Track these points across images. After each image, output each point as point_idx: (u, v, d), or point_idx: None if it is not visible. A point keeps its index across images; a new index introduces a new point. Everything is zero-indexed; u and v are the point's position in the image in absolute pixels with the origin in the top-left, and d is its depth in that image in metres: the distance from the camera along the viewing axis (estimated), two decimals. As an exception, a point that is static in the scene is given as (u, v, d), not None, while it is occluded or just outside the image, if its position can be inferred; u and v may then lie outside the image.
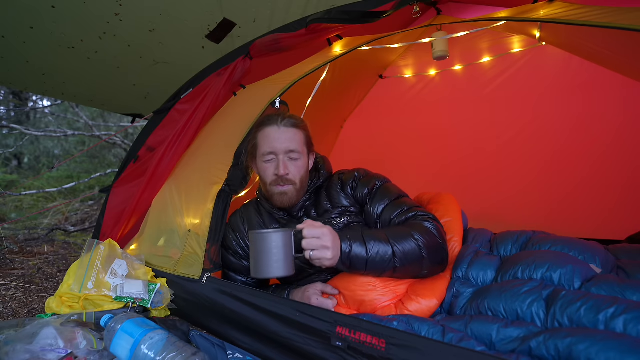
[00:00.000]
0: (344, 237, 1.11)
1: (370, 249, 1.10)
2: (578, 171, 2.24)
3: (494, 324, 0.98)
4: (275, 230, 1.07)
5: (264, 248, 1.04)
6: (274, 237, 1.04)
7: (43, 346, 0.91)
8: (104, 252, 1.27)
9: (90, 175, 5.99)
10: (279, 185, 1.32)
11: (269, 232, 1.05)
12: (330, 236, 1.06)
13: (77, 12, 2.24)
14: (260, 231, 1.06)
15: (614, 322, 0.86)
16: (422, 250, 1.13)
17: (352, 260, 1.10)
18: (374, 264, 1.11)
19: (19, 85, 3.38)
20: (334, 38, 1.64)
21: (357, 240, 1.11)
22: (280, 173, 1.30)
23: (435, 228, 1.20)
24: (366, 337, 0.91)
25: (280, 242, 1.04)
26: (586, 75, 2.10)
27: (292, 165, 1.32)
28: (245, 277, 1.41)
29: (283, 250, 1.04)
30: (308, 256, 1.03)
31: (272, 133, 1.33)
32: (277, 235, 1.04)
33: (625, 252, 1.33)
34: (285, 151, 1.31)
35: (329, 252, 1.02)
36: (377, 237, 1.13)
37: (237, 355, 1.11)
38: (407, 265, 1.14)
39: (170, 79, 2.79)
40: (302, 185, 1.35)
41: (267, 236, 1.05)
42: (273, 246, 1.03)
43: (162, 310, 1.27)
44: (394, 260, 1.11)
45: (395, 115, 2.76)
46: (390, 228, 1.19)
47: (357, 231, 1.14)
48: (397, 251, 1.11)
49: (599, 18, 1.02)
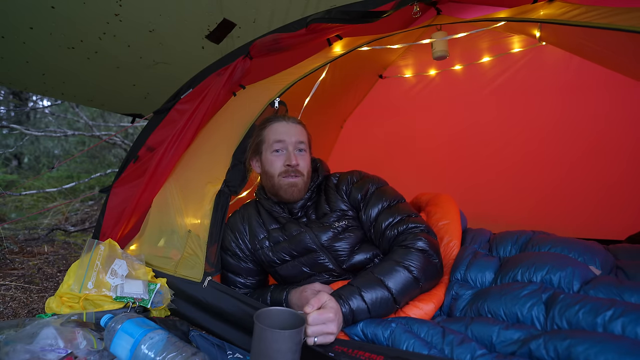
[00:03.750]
0: (339, 298, 1.04)
1: (370, 299, 1.06)
2: (578, 170, 2.24)
3: (494, 326, 0.98)
4: (285, 331, 0.88)
5: (272, 347, 0.87)
6: (283, 336, 0.88)
7: (43, 346, 0.91)
8: (104, 252, 1.27)
9: (90, 175, 5.99)
10: (289, 176, 1.34)
11: (280, 332, 0.88)
12: (335, 321, 0.98)
13: (77, 12, 2.24)
14: (269, 328, 0.88)
15: (612, 325, 0.86)
16: (418, 277, 1.12)
17: (356, 317, 1.06)
18: (377, 311, 1.08)
19: (19, 85, 3.38)
20: (334, 38, 1.63)
21: (354, 297, 1.06)
22: (292, 163, 1.33)
23: (427, 244, 1.18)
24: (364, 353, 0.93)
25: (293, 341, 0.89)
26: (586, 75, 2.11)
27: (301, 158, 1.36)
28: (244, 278, 1.41)
29: (291, 350, 0.88)
30: (312, 342, 0.95)
31: (281, 127, 1.38)
32: (288, 334, 0.88)
33: (625, 252, 1.33)
34: (295, 143, 1.36)
35: (332, 337, 0.97)
36: (372, 284, 1.08)
37: (237, 355, 1.11)
38: (407, 297, 1.13)
39: (170, 79, 2.79)
40: (308, 178, 1.39)
41: (277, 336, 0.87)
42: (285, 348, 0.88)
43: (162, 310, 1.27)
44: (395, 300, 1.09)
45: (395, 116, 2.76)
46: (382, 265, 1.15)
47: (351, 287, 1.09)
48: (395, 290, 1.08)
49: (598, 18, 1.02)
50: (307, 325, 0.94)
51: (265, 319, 0.94)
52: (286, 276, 1.37)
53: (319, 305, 0.99)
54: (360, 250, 1.32)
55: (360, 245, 1.33)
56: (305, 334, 0.94)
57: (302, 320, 0.94)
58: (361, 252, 1.31)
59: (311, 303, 0.98)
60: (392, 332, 1.02)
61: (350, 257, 1.31)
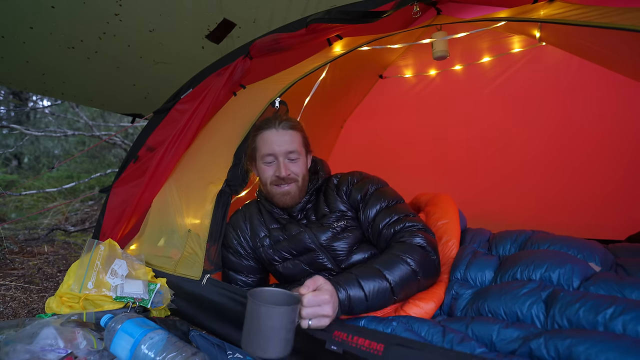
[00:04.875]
0: (336, 284, 1.02)
1: (368, 288, 1.05)
2: (578, 171, 2.24)
3: (494, 325, 0.98)
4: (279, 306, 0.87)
5: (265, 324, 0.86)
6: (277, 312, 0.86)
7: (43, 346, 0.91)
8: (104, 252, 1.27)
9: (90, 175, 5.99)
10: (280, 185, 1.34)
11: (275, 308, 0.86)
12: (331, 303, 0.96)
13: (77, 12, 2.24)
14: (263, 303, 0.86)
15: (613, 323, 0.86)
16: (416, 271, 1.11)
17: (353, 304, 1.03)
18: (375, 301, 1.06)
19: (19, 85, 3.38)
20: (334, 38, 1.64)
21: (352, 284, 1.04)
22: (282, 175, 1.32)
23: (425, 241, 1.18)
24: (364, 341, 0.91)
25: (289, 318, 0.87)
26: (586, 75, 2.10)
27: (293, 165, 1.35)
28: (246, 276, 1.41)
29: (285, 328, 0.86)
30: (306, 325, 0.93)
31: (270, 136, 1.35)
32: (282, 311, 0.86)
33: (625, 251, 1.33)
34: (284, 153, 1.34)
35: (327, 320, 0.95)
36: (370, 274, 1.07)
37: (237, 355, 1.11)
38: (405, 290, 1.12)
39: (170, 79, 2.79)
40: (303, 182, 1.38)
41: (271, 311, 0.85)
42: (278, 325, 0.86)
43: (162, 310, 1.27)
44: (393, 292, 1.08)
45: (395, 115, 2.76)
46: (380, 257, 1.14)
47: (349, 274, 1.08)
48: (393, 281, 1.07)
49: (598, 18, 1.02)
50: (302, 307, 0.91)
51: (260, 298, 0.91)
52: (287, 275, 1.37)
53: (315, 287, 0.95)
54: (359, 250, 1.32)
55: (359, 245, 1.34)
56: (299, 316, 0.91)
57: (297, 300, 0.92)
58: (359, 252, 1.32)
59: (306, 284, 0.95)
60: (392, 330, 1.02)
61: (349, 256, 1.31)
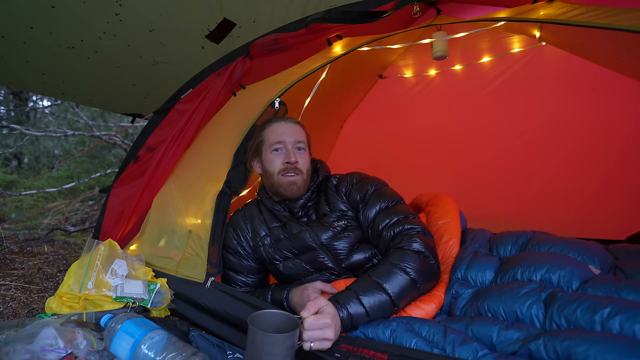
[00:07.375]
0: (336, 303, 1.02)
1: (368, 303, 1.04)
2: (578, 171, 2.24)
3: (494, 326, 0.98)
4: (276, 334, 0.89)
5: (263, 350, 0.88)
6: (275, 339, 0.87)
7: (43, 346, 0.91)
8: (104, 252, 1.27)
9: (90, 175, 5.99)
10: (288, 174, 1.35)
11: (271, 336, 0.88)
12: (332, 326, 0.96)
13: (77, 12, 2.24)
14: (260, 331, 0.88)
15: (610, 323, 0.86)
16: (415, 278, 1.11)
17: (354, 321, 1.04)
18: (376, 315, 1.06)
19: (19, 85, 3.38)
20: (334, 38, 1.64)
21: (352, 301, 1.04)
22: (292, 160, 1.35)
23: (423, 246, 1.18)
24: (369, 352, 0.92)
25: (285, 345, 0.88)
26: (586, 75, 2.11)
27: (300, 156, 1.38)
28: (245, 276, 1.41)
29: (282, 354, 0.88)
30: (308, 347, 0.93)
31: (280, 127, 1.41)
32: (279, 338, 0.88)
33: (625, 252, 1.33)
34: (293, 142, 1.38)
35: (329, 343, 0.95)
36: (369, 288, 1.07)
37: (237, 355, 1.11)
38: (405, 299, 1.12)
39: (170, 79, 2.79)
40: (307, 176, 1.40)
41: (268, 339, 0.87)
42: (276, 352, 0.88)
43: (162, 310, 1.27)
44: (394, 303, 1.08)
45: (395, 116, 2.76)
46: (378, 268, 1.14)
47: (348, 292, 1.07)
48: (392, 293, 1.07)
49: (598, 18, 1.02)
50: (304, 330, 0.93)
51: (260, 321, 0.94)
52: (287, 274, 1.38)
53: (316, 310, 0.96)
54: (359, 250, 1.33)
55: (359, 245, 1.34)
56: (301, 339, 0.93)
57: (296, 324, 0.93)
58: (360, 251, 1.32)
59: (307, 307, 0.96)
60: (393, 331, 1.02)
61: (349, 256, 1.32)
